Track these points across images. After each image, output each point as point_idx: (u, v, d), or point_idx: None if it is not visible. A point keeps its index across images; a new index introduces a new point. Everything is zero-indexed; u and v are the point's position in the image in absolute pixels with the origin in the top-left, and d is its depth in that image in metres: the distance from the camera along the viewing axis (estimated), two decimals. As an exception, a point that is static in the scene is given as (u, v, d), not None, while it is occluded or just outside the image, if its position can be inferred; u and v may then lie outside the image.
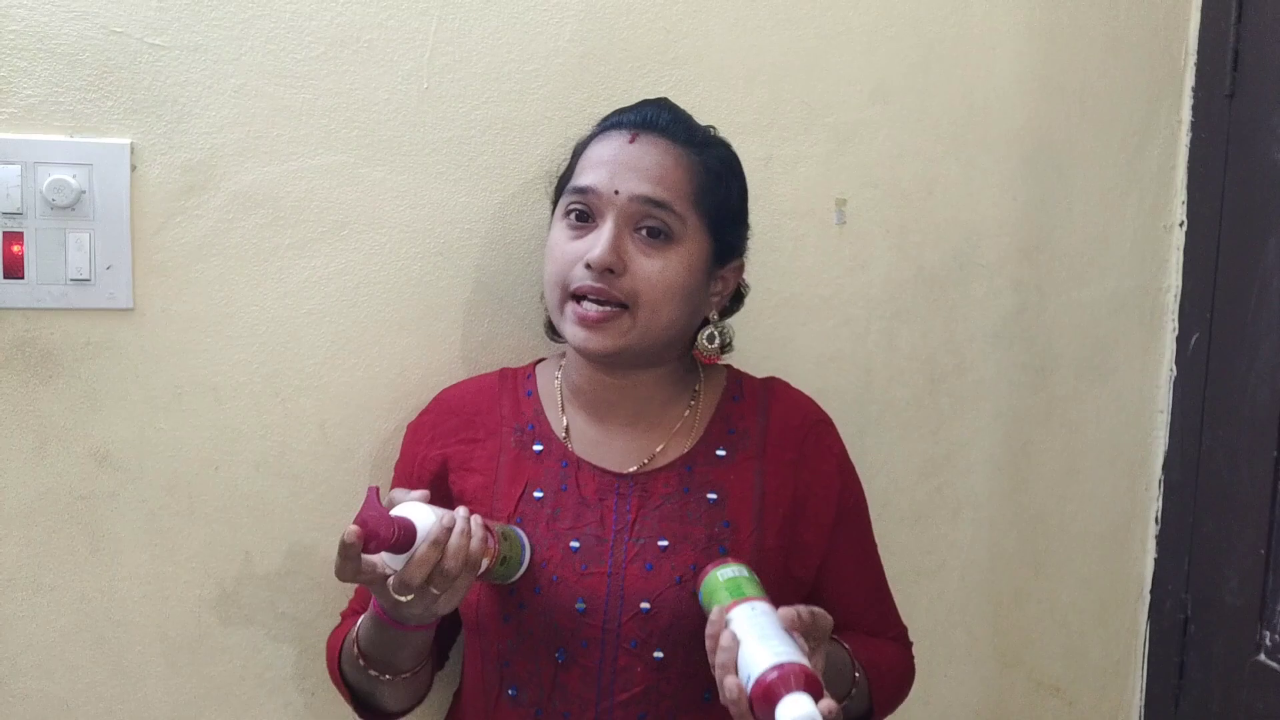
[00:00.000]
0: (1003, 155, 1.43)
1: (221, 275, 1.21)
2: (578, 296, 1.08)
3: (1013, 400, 1.48)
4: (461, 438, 1.17)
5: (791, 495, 1.13)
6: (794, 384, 1.22)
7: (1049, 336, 1.48)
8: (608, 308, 1.07)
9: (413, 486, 1.11)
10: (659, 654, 1.07)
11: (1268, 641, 1.35)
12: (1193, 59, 1.48)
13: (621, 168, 1.09)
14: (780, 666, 0.88)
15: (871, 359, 1.42)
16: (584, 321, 1.08)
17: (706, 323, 1.16)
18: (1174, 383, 1.52)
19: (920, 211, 1.42)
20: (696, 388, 1.18)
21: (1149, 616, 1.56)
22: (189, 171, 1.19)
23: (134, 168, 1.18)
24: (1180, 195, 1.50)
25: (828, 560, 1.16)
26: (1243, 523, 1.38)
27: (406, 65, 1.24)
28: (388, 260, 1.26)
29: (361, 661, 1.09)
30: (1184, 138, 1.49)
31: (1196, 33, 1.47)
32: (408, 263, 1.26)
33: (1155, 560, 1.55)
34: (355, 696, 1.15)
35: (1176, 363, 1.52)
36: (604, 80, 1.29)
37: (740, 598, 0.98)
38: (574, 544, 1.09)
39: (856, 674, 1.10)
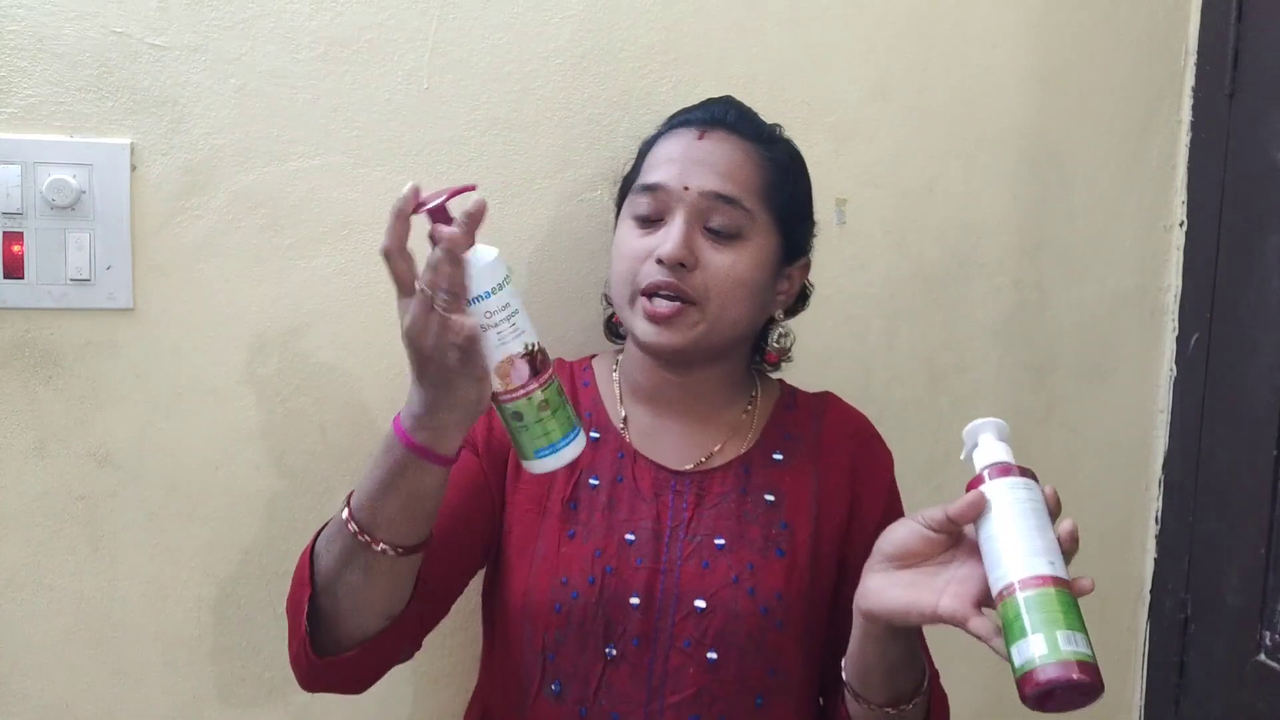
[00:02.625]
0: (1003, 155, 1.43)
1: (221, 275, 1.21)
2: (648, 293, 1.07)
3: (1013, 400, 1.48)
4: None
5: (848, 502, 1.13)
6: (794, 384, 1.22)
7: (1049, 336, 1.48)
8: (678, 303, 1.07)
9: (470, 457, 1.10)
10: (713, 655, 1.05)
11: (1268, 641, 1.35)
12: (1193, 59, 1.48)
13: (691, 164, 1.09)
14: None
15: (871, 358, 1.42)
16: (654, 317, 1.07)
17: (772, 322, 1.17)
18: (1174, 383, 1.52)
19: (920, 211, 1.42)
20: (753, 393, 1.18)
21: (1149, 616, 1.56)
22: (189, 172, 1.19)
23: (134, 168, 1.18)
24: (1180, 195, 1.50)
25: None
26: (1243, 523, 1.38)
27: (406, 65, 1.24)
28: (388, 260, 1.26)
29: (351, 525, 0.95)
30: (1184, 137, 1.49)
31: (1196, 33, 1.47)
32: (408, 263, 1.26)
33: (1155, 560, 1.55)
34: (314, 608, 0.99)
35: (1176, 363, 1.52)
36: (604, 80, 1.29)
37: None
38: (629, 537, 1.08)
39: (925, 682, 1.04)
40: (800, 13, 1.35)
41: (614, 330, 1.23)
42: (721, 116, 1.12)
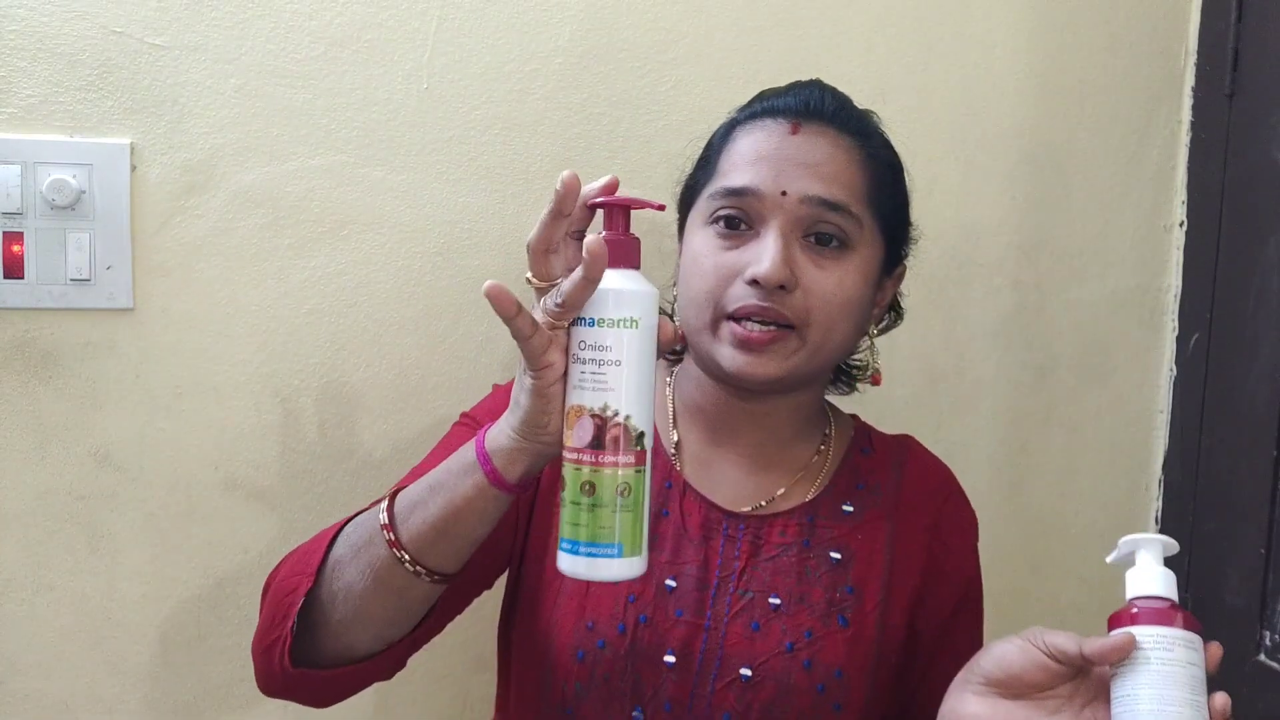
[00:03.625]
0: (1002, 155, 1.43)
1: (221, 275, 1.21)
2: (737, 317, 0.92)
3: (1012, 400, 1.48)
4: None
5: (922, 568, 0.99)
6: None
7: (1049, 336, 1.48)
8: (773, 328, 0.91)
9: None
10: None
11: (1268, 641, 1.35)
12: (1193, 59, 1.48)
13: (787, 164, 0.92)
14: None
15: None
16: (749, 343, 0.91)
17: (861, 338, 1.02)
18: (1174, 383, 1.52)
19: (920, 211, 1.41)
20: (828, 431, 1.04)
21: (1149, 616, 1.55)
22: (189, 171, 1.19)
23: (134, 168, 1.18)
24: (1180, 195, 1.50)
25: (935, 655, 0.99)
26: (1243, 523, 1.38)
27: (406, 65, 1.24)
28: (388, 260, 1.26)
29: (389, 533, 0.83)
30: (1184, 138, 1.49)
31: (1196, 33, 1.47)
32: (408, 263, 1.26)
33: (1155, 560, 1.55)
34: (305, 605, 0.87)
35: (1176, 363, 1.52)
36: (604, 80, 1.29)
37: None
38: (670, 582, 0.94)
39: None
40: (800, 13, 1.34)
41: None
42: (818, 105, 0.96)
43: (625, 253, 0.77)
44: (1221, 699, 0.76)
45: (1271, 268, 1.35)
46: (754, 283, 0.90)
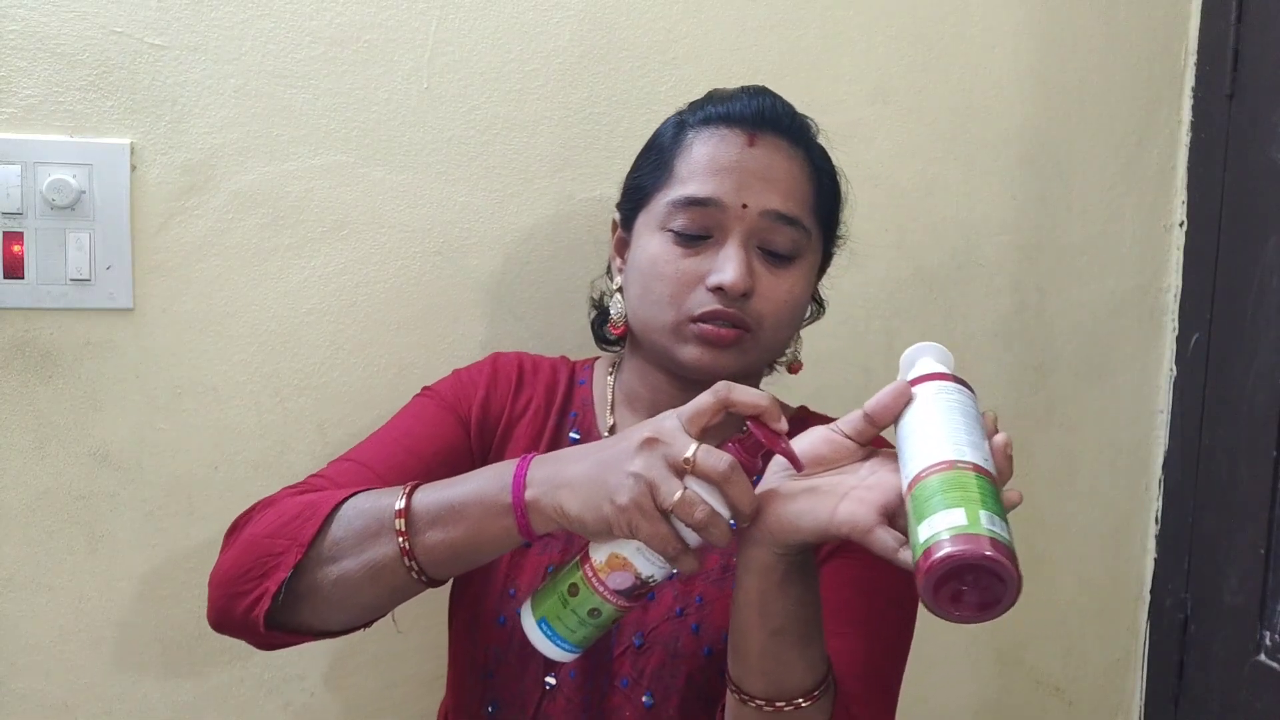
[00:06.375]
0: (1002, 155, 1.43)
1: (221, 275, 1.21)
2: (701, 320, 0.96)
3: (1012, 400, 1.48)
4: (515, 400, 1.06)
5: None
6: (793, 385, 1.22)
7: (1048, 336, 1.48)
8: (736, 330, 0.97)
9: (458, 427, 1.02)
10: (647, 699, 0.94)
11: (1268, 641, 1.35)
12: (1193, 59, 1.48)
13: (748, 177, 0.97)
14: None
15: (871, 358, 1.42)
16: (715, 341, 0.96)
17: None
18: (1174, 383, 1.52)
19: (920, 211, 1.42)
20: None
21: (1149, 616, 1.56)
22: (189, 171, 1.19)
23: (134, 168, 1.18)
24: (1180, 195, 1.50)
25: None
26: (1243, 523, 1.38)
27: (406, 65, 1.24)
28: (388, 260, 1.26)
29: (400, 521, 0.83)
30: (1184, 138, 1.49)
31: (1196, 33, 1.47)
32: (408, 263, 1.26)
33: (1155, 560, 1.55)
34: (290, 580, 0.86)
35: (1176, 363, 1.52)
36: (604, 80, 1.29)
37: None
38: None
39: (827, 682, 0.84)
40: (800, 13, 1.34)
41: (603, 336, 1.12)
42: (772, 116, 1.00)
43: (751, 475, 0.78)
44: (1002, 437, 0.75)
45: (1271, 268, 1.35)
46: (718, 289, 0.96)
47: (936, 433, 0.72)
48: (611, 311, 1.06)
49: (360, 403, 1.26)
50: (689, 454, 0.74)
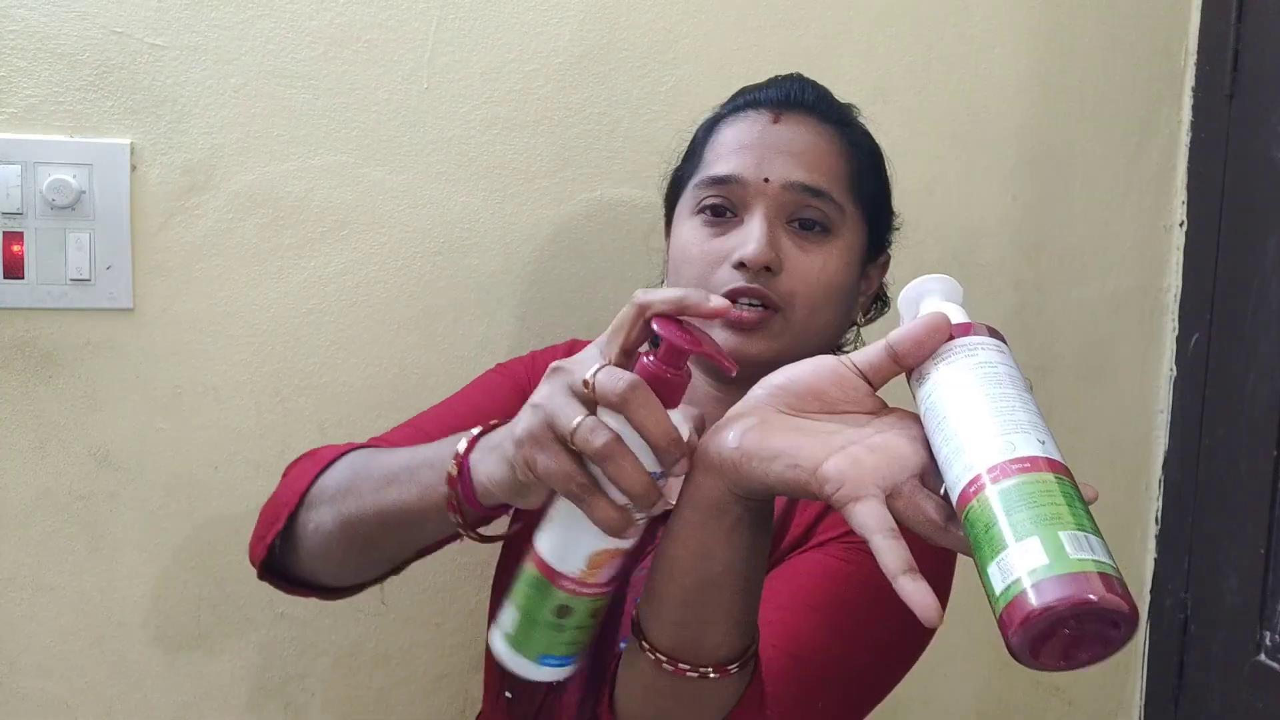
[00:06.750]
0: (1002, 155, 1.43)
1: (221, 275, 1.21)
2: (728, 299, 0.89)
3: (1013, 400, 1.48)
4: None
5: (804, 529, 0.91)
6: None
7: (1049, 336, 1.48)
8: (761, 308, 0.92)
9: (521, 403, 0.80)
10: None
11: (1268, 641, 1.35)
12: (1193, 59, 1.48)
13: (769, 151, 0.95)
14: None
15: (871, 359, 1.42)
16: (739, 324, 0.91)
17: (849, 326, 1.02)
18: (1174, 383, 1.52)
19: (920, 211, 1.41)
20: None
21: (1149, 616, 1.56)
22: (189, 171, 1.19)
23: (134, 168, 1.18)
24: (1180, 195, 1.50)
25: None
26: (1243, 522, 1.38)
27: (406, 65, 1.24)
28: (388, 260, 1.26)
29: (365, 500, 0.81)
30: (1184, 138, 1.49)
31: (1196, 33, 1.47)
32: (408, 263, 1.26)
33: (1155, 560, 1.55)
34: (293, 527, 0.89)
35: (1176, 363, 1.52)
36: (604, 80, 1.29)
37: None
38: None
39: (753, 649, 0.72)
40: (800, 13, 1.34)
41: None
42: (798, 96, 0.98)
43: (677, 393, 0.65)
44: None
45: (1271, 268, 1.35)
46: (740, 265, 0.92)
47: (984, 416, 0.57)
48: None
49: (361, 403, 1.26)
50: (588, 375, 0.62)
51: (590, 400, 0.63)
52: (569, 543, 0.66)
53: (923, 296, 0.70)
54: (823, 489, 0.59)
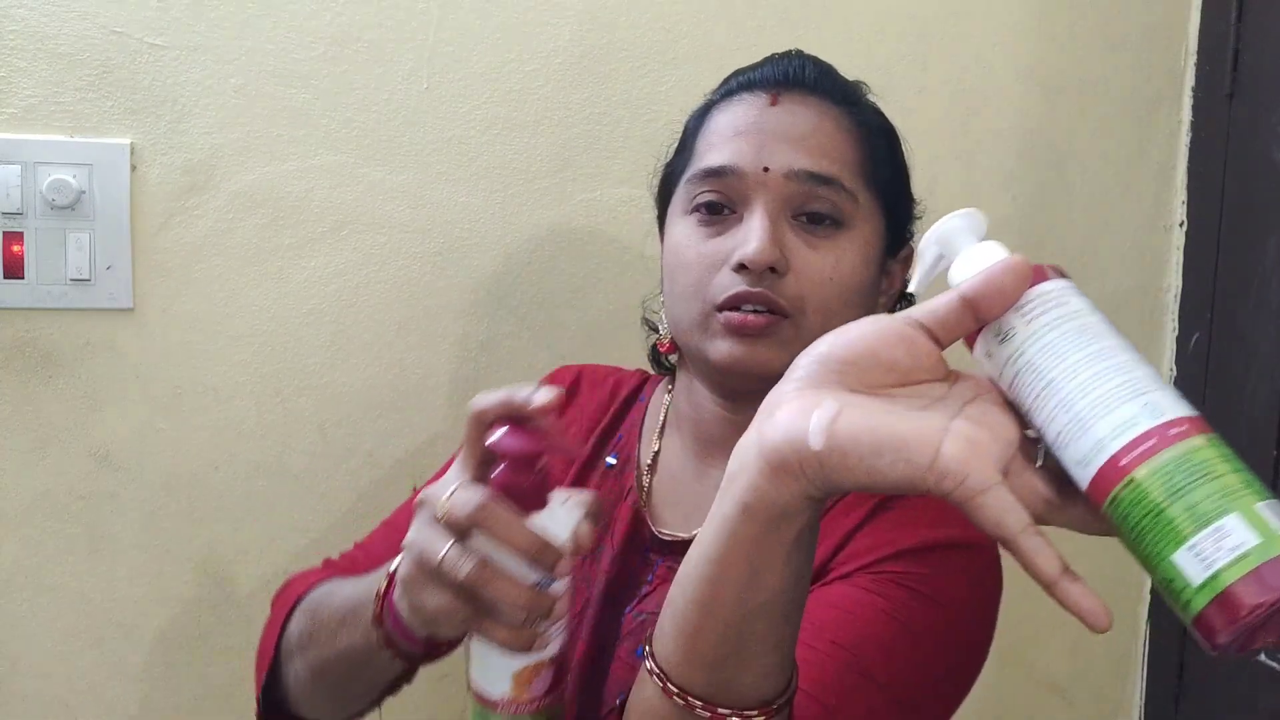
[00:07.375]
0: (1002, 154, 1.43)
1: (221, 275, 1.21)
2: (728, 306, 0.82)
3: (1013, 400, 1.48)
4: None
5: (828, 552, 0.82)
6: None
7: (1049, 336, 1.48)
8: (767, 313, 0.81)
9: None
10: None
11: (1268, 641, 1.35)
12: (1193, 59, 1.48)
13: (768, 137, 0.83)
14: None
15: (871, 359, 1.42)
16: (742, 331, 0.81)
17: None
18: (1174, 382, 1.52)
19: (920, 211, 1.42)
20: None
21: (1149, 616, 1.56)
22: (189, 171, 1.19)
23: (134, 168, 1.18)
24: (1180, 195, 1.50)
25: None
26: (1243, 523, 1.38)
27: (406, 65, 1.24)
28: (388, 260, 1.26)
29: (315, 651, 0.80)
30: (1184, 138, 1.49)
31: (1196, 33, 1.47)
32: (408, 263, 1.26)
33: (1155, 560, 1.55)
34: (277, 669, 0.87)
35: (1176, 362, 1.52)
36: (604, 80, 1.29)
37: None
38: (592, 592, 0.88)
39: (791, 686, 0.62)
40: (800, 13, 1.34)
41: (658, 358, 0.98)
42: (798, 74, 0.86)
43: (539, 494, 0.62)
44: None
45: (1271, 268, 1.35)
46: (741, 268, 0.81)
47: (1106, 375, 0.50)
48: (660, 327, 0.93)
49: (361, 403, 1.26)
50: (442, 503, 0.59)
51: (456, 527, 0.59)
52: (489, 668, 0.64)
53: (950, 238, 0.59)
54: (941, 484, 0.48)
